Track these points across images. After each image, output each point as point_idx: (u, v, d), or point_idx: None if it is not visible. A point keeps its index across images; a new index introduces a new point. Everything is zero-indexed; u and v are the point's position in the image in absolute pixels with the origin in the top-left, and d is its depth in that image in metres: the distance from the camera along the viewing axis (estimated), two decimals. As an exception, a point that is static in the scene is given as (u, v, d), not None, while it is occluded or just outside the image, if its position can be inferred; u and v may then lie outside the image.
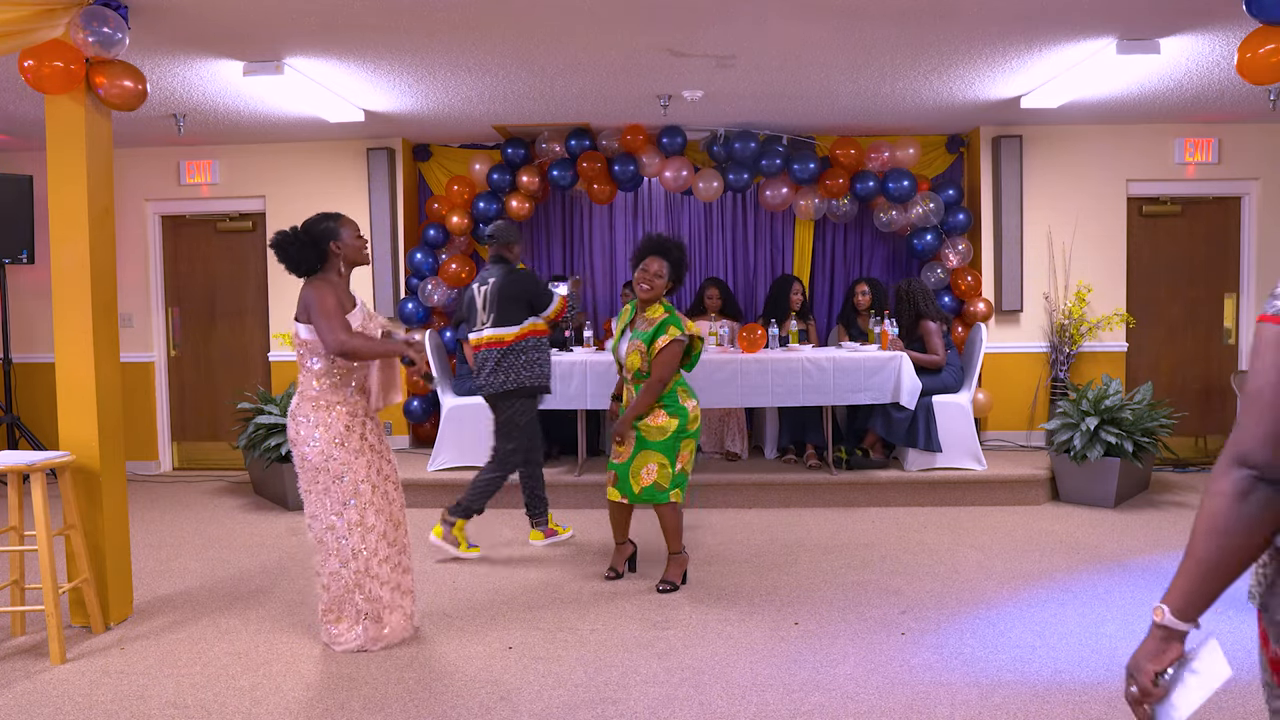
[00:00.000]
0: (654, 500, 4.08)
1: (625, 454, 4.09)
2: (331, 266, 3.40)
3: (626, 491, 4.09)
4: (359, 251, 3.45)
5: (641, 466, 4.05)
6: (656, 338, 4.01)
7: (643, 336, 4.05)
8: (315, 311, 3.26)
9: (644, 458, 4.05)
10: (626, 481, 4.08)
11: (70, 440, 3.73)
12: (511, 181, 6.72)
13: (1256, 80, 3.44)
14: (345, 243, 3.40)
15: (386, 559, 3.45)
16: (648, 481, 4.06)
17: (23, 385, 6.83)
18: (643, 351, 4.03)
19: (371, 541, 3.39)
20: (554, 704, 3.00)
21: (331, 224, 3.38)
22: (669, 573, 4.19)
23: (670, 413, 4.05)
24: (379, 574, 3.42)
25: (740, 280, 7.23)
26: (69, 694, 3.13)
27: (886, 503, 5.70)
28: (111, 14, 3.62)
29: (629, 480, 4.08)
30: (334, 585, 3.40)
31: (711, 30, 4.51)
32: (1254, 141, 6.70)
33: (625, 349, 4.15)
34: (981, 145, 6.77)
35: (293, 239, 3.33)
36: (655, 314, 4.08)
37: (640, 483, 4.06)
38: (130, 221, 6.97)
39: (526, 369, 4.61)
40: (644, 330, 4.07)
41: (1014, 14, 4.34)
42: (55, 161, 3.69)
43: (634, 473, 4.06)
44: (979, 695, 3.01)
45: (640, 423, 4.05)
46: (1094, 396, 5.66)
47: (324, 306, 3.26)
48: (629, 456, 4.07)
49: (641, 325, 4.10)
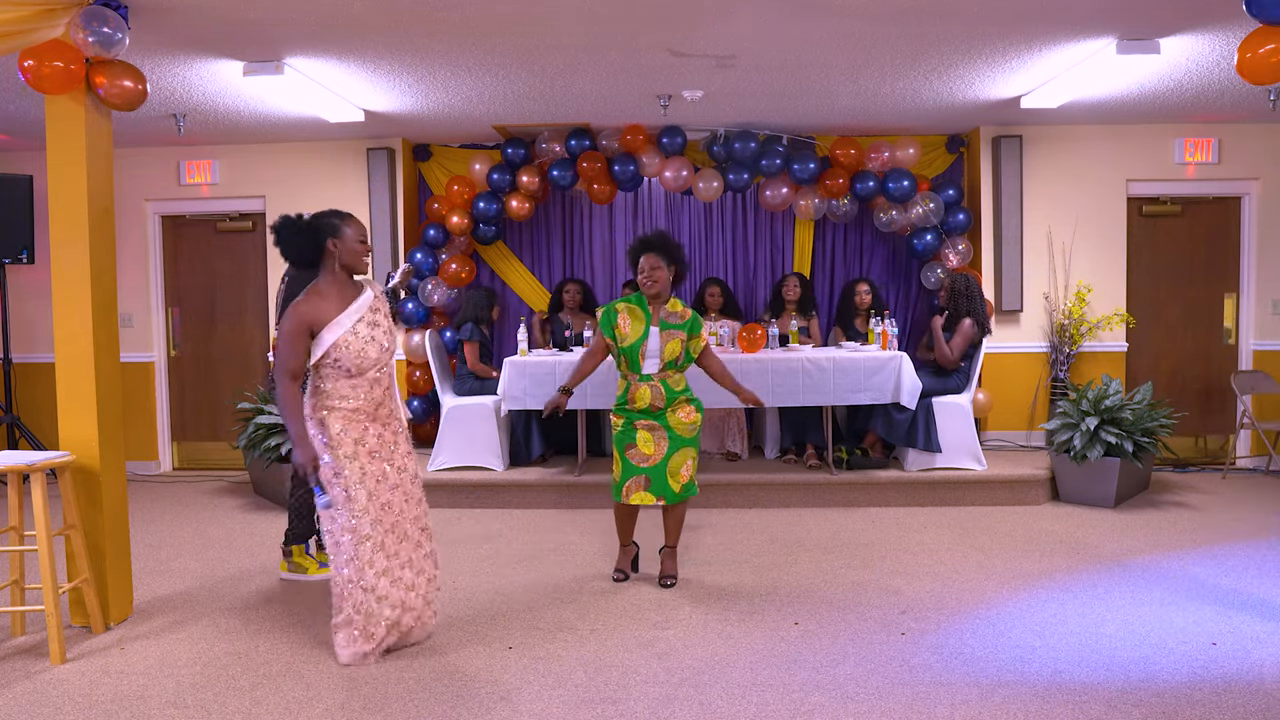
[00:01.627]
0: (689, 495, 4.12)
1: (656, 455, 4.04)
2: (327, 266, 3.31)
3: (664, 492, 4.05)
4: (357, 256, 3.33)
5: (681, 464, 4.07)
6: (696, 330, 4.11)
7: (681, 327, 4.07)
8: (280, 328, 3.24)
9: (682, 455, 4.07)
10: (664, 482, 4.04)
11: (70, 440, 3.73)
12: (511, 181, 6.72)
13: (1256, 80, 3.43)
14: (344, 243, 3.29)
15: (384, 572, 3.31)
16: (686, 478, 4.10)
17: (23, 385, 6.83)
18: (684, 340, 4.06)
19: (365, 551, 3.26)
20: (554, 704, 3.00)
21: (336, 221, 3.30)
22: (668, 567, 4.23)
23: (695, 407, 4.14)
24: (373, 586, 3.28)
25: (740, 280, 7.23)
26: (69, 694, 3.13)
27: (886, 503, 5.70)
28: (111, 14, 3.62)
29: (667, 480, 4.04)
30: (335, 589, 3.33)
31: (711, 30, 4.51)
32: (1254, 141, 6.70)
33: (658, 342, 4.05)
34: (981, 145, 6.77)
35: (293, 226, 3.27)
36: (679, 307, 4.13)
37: (680, 480, 4.07)
38: (130, 221, 6.97)
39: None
40: (678, 322, 4.08)
41: (1014, 14, 4.34)
42: (55, 161, 3.69)
43: (672, 472, 4.05)
44: (979, 695, 3.01)
45: (673, 420, 4.05)
46: (1094, 396, 5.66)
47: (282, 335, 3.22)
48: (662, 456, 4.04)
49: (672, 319, 4.10)
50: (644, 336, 4.05)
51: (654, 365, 4.07)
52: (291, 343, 3.22)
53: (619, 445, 4.11)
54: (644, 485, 4.06)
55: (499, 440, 6.02)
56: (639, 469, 4.05)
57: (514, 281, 7.24)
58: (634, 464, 4.06)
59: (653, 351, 4.07)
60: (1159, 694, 2.99)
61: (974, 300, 5.89)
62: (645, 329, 4.06)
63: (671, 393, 4.07)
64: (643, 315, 4.09)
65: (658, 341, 4.06)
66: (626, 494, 4.08)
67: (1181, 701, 2.94)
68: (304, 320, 3.23)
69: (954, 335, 5.87)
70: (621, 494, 4.09)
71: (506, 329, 7.16)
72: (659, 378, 4.06)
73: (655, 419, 4.07)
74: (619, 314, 4.10)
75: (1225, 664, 3.23)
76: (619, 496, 4.11)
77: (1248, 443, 6.82)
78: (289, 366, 3.22)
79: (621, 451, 4.09)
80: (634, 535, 4.35)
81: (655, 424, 4.06)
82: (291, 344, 3.22)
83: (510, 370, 5.72)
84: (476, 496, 5.80)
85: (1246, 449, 6.84)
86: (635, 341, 4.04)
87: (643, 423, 4.07)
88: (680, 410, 4.08)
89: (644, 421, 4.07)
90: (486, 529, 5.28)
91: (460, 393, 6.24)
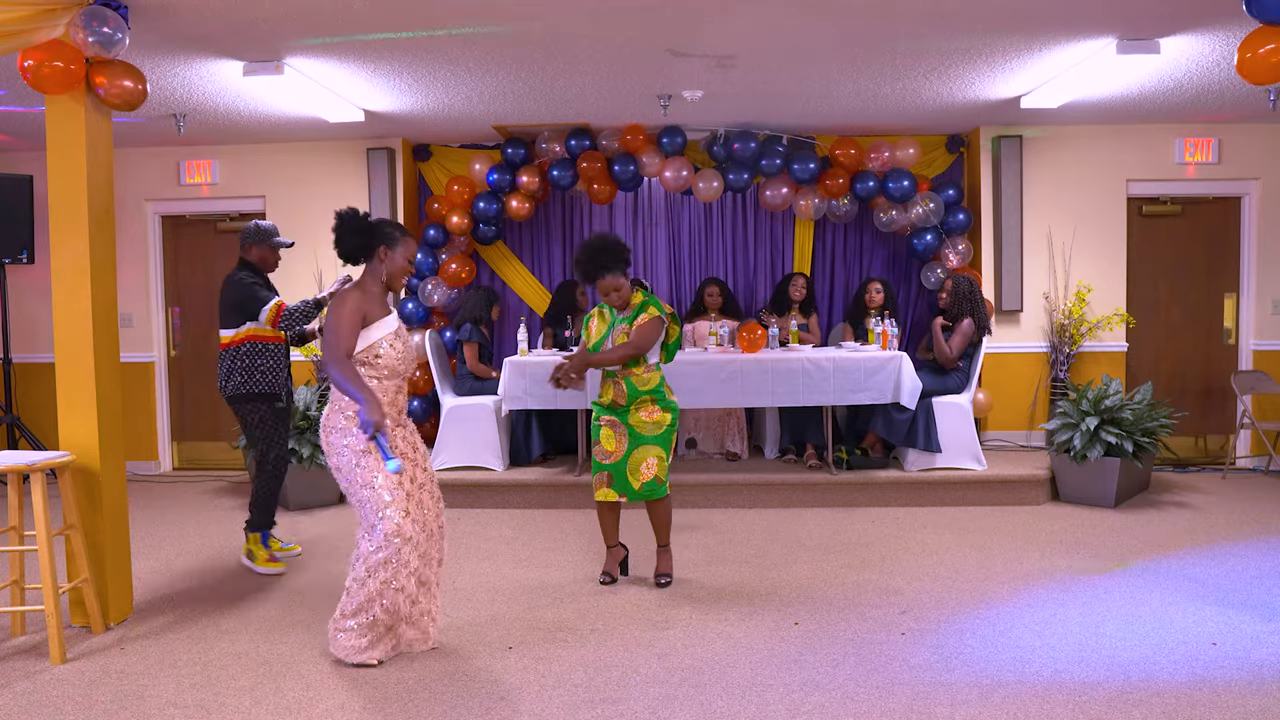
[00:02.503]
0: (654, 495, 4.09)
1: (617, 453, 4.08)
2: (372, 272, 3.35)
3: (625, 489, 4.08)
4: (402, 273, 3.38)
5: (640, 462, 4.06)
6: (638, 314, 4.07)
7: (627, 320, 4.09)
8: (330, 319, 3.22)
9: (642, 453, 4.06)
10: (624, 479, 4.08)
11: (70, 440, 3.73)
12: (511, 181, 6.72)
13: (1256, 80, 3.43)
14: (395, 257, 3.33)
15: (414, 572, 3.30)
16: (648, 476, 4.07)
17: (23, 385, 6.83)
18: (628, 331, 4.05)
19: (406, 552, 3.23)
20: (554, 704, 3.00)
21: (396, 234, 3.34)
22: (663, 565, 4.24)
23: (663, 408, 4.10)
24: (404, 586, 3.26)
25: (740, 280, 7.23)
26: (69, 694, 3.13)
27: (886, 503, 5.69)
28: (111, 14, 3.62)
29: (627, 478, 4.07)
30: (356, 591, 3.25)
31: (711, 30, 4.51)
32: (1254, 141, 6.70)
33: (612, 338, 4.11)
34: (981, 145, 6.77)
35: (356, 220, 3.31)
36: (635, 299, 4.14)
37: (641, 478, 4.06)
38: (130, 221, 6.97)
39: (246, 374, 4.43)
40: (627, 315, 4.11)
41: (1014, 14, 4.34)
42: (55, 161, 3.69)
43: (632, 469, 4.06)
44: (979, 695, 3.01)
45: (634, 419, 4.07)
46: (1094, 396, 5.66)
47: (338, 317, 3.21)
48: (622, 454, 4.07)
49: (624, 313, 4.13)
50: (605, 335, 4.13)
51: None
52: (351, 323, 3.21)
53: (591, 441, 4.20)
54: (607, 481, 4.12)
55: (499, 440, 6.03)
56: (601, 465, 4.13)
57: (514, 282, 7.24)
58: (598, 460, 4.15)
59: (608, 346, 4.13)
60: (1159, 694, 2.99)
61: (975, 301, 5.91)
62: (609, 328, 4.14)
63: (635, 391, 4.06)
64: (609, 316, 4.18)
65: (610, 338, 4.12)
66: (595, 488, 4.16)
67: (1181, 701, 2.94)
68: (361, 306, 3.25)
69: (953, 334, 5.88)
70: (593, 488, 4.18)
71: (506, 329, 7.16)
72: (621, 375, 4.08)
73: (617, 416, 4.11)
74: (592, 317, 4.22)
75: (1225, 664, 3.23)
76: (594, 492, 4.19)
77: (1248, 443, 6.82)
78: (345, 346, 3.20)
79: (590, 447, 4.21)
80: (620, 537, 4.35)
81: (617, 421, 4.11)
82: (351, 324, 3.21)
83: (510, 370, 5.72)
84: (476, 496, 5.80)
85: (1246, 449, 6.84)
86: (598, 341, 4.14)
87: (606, 419, 4.13)
88: (643, 410, 4.08)
89: (607, 418, 4.13)
90: (486, 529, 5.28)
91: (460, 393, 6.24)
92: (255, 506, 4.58)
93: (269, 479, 4.58)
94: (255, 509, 4.58)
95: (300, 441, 5.67)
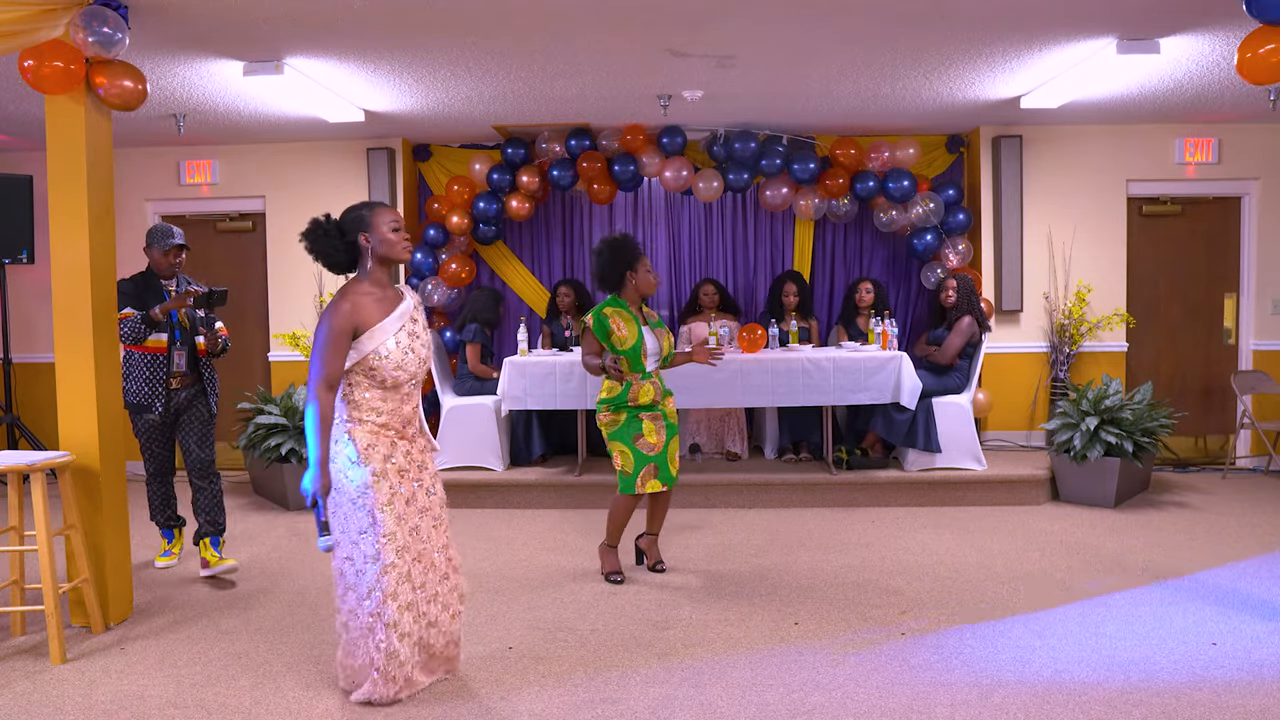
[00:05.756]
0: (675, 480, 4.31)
1: (659, 444, 4.19)
2: (363, 264, 3.00)
3: (668, 478, 4.22)
4: (393, 245, 2.98)
5: (675, 449, 4.28)
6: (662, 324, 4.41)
7: (661, 325, 4.37)
8: (315, 337, 2.87)
9: (675, 441, 4.28)
10: (666, 468, 4.21)
11: (70, 440, 3.73)
12: (511, 181, 6.72)
13: (1256, 80, 3.43)
14: (378, 235, 2.96)
15: (409, 606, 2.95)
16: (679, 463, 4.35)
17: (23, 385, 6.83)
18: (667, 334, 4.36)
19: (390, 582, 2.89)
20: (554, 704, 3.00)
21: (364, 213, 2.98)
22: (658, 553, 4.45)
23: (671, 395, 4.39)
24: (397, 621, 2.92)
25: (740, 280, 7.23)
26: (69, 694, 3.13)
27: (886, 503, 5.69)
28: (111, 14, 3.62)
29: (668, 466, 4.21)
30: (353, 624, 2.98)
31: (711, 30, 4.51)
32: (1254, 141, 6.70)
33: (654, 341, 4.27)
34: (981, 145, 6.77)
35: (321, 228, 2.98)
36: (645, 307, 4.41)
37: (675, 465, 4.26)
38: (130, 221, 6.95)
39: (123, 384, 4.29)
40: (656, 320, 4.38)
41: (1014, 14, 4.34)
42: (55, 161, 3.69)
43: (671, 457, 4.24)
44: (979, 695, 3.01)
45: (667, 408, 4.27)
46: (1094, 396, 5.66)
47: (321, 337, 2.85)
48: (663, 445, 4.20)
49: (652, 318, 4.37)
50: (640, 338, 4.20)
51: (654, 363, 4.28)
52: (336, 346, 2.85)
53: (624, 438, 4.16)
54: (654, 473, 4.18)
55: (499, 440, 6.03)
56: (649, 458, 4.17)
57: (514, 281, 7.24)
58: (644, 453, 4.17)
59: (652, 350, 4.25)
60: (1159, 694, 2.99)
61: (975, 301, 5.93)
62: (638, 331, 4.20)
63: (664, 386, 4.33)
64: (630, 317, 4.22)
65: (654, 341, 4.27)
66: (641, 483, 4.15)
67: (1181, 701, 2.94)
68: (349, 321, 2.88)
69: (953, 333, 5.89)
70: (635, 485, 4.15)
71: (506, 329, 7.15)
72: (656, 374, 4.30)
73: (654, 409, 4.23)
74: (610, 319, 4.18)
75: (1225, 664, 3.23)
76: (632, 489, 4.15)
77: (1248, 443, 6.82)
78: (329, 373, 2.83)
79: (630, 444, 4.15)
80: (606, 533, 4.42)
81: (656, 414, 4.23)
82: (336, 347, 2.85)
83: (510, 370, 5.72)
84: (476, 496, 5.80)
85: (1246, 449, 6.84)
86: (635, 343, 4.17)
87: (645, 414, 4.21)
88: (669, 400, 4.34)
89: (646, 413, 4.22)
90: (486, 529, 5.28)
91: (460, 393, 6.24)
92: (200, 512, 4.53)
93: (151, 489, 4.60)
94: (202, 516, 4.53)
95: (301, 442, 5.67)
